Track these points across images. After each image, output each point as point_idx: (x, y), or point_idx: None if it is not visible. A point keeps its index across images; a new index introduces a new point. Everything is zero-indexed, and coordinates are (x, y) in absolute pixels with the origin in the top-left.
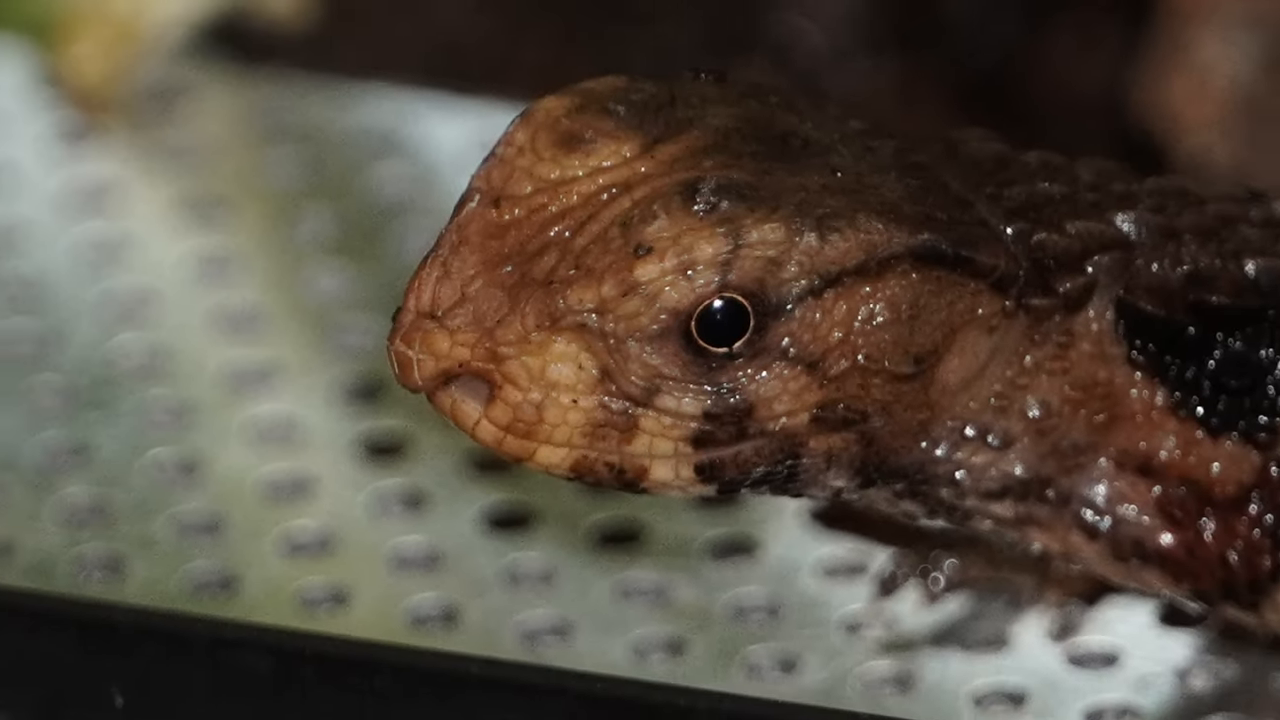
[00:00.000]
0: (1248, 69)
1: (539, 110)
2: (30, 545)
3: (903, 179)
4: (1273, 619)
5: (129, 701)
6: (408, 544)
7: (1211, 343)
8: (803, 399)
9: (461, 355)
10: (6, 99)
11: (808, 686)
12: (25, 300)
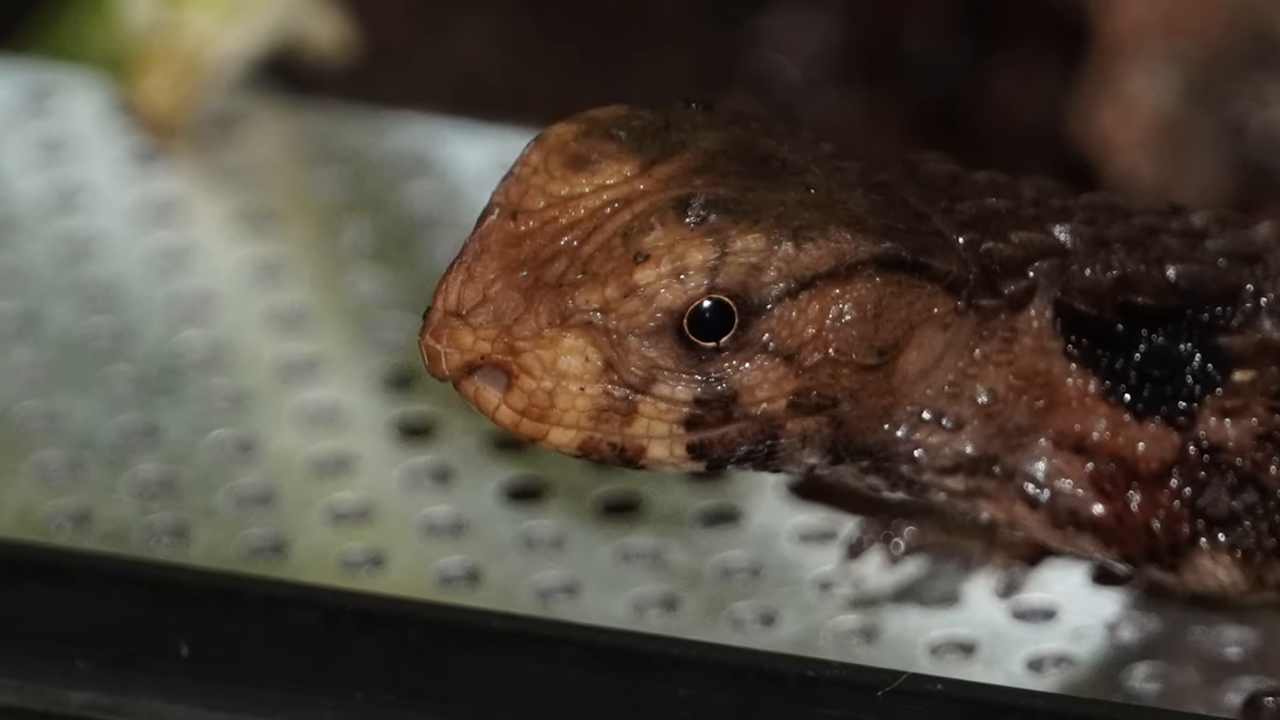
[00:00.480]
0: (1168, 99)
1: (551, 135)
2: (107, 515)
3: (868, 195)
4: (1190, 579)
5: (193, 651)
6: (436, 513)
7: (1137, 338)
8: (781, 387)
9: (483, 349)
10: (86, 125)
11: (785, 638)
12: (103, 301)
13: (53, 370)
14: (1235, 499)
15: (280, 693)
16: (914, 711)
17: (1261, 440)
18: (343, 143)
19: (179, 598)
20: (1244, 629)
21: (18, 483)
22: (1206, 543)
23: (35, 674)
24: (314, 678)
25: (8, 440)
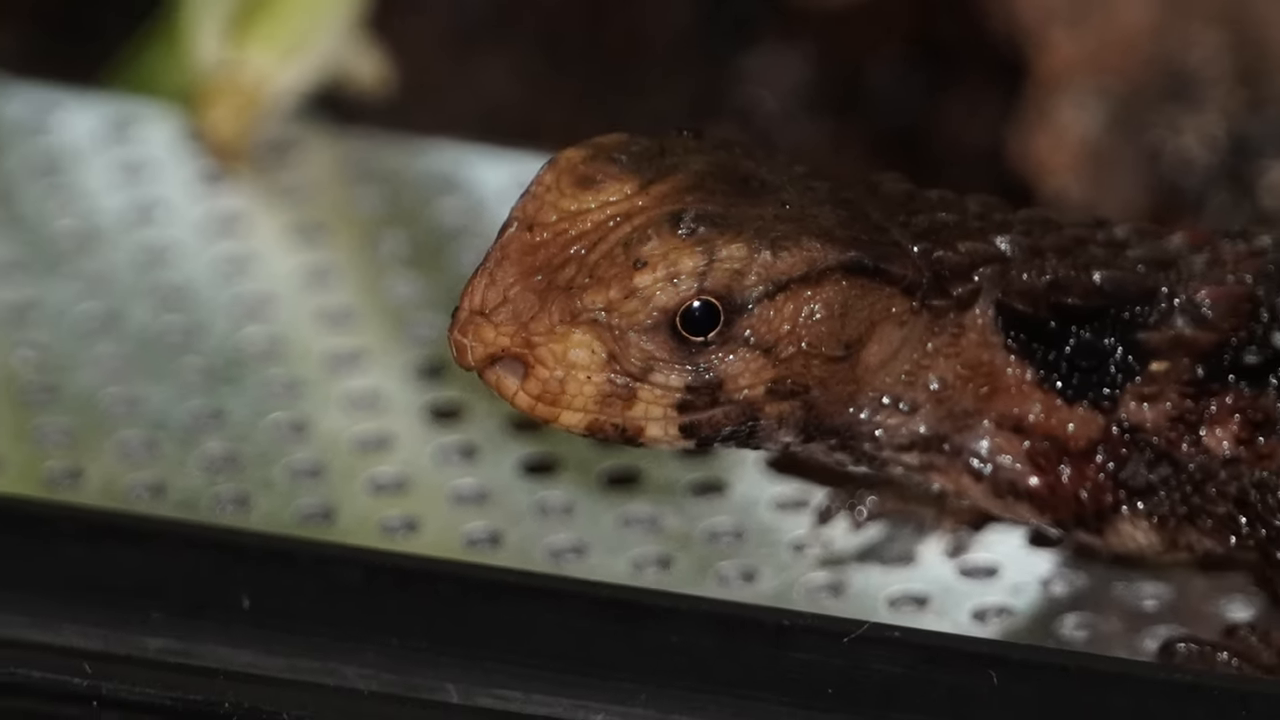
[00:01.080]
0: (1094, 128)
1: (561, 158)
2: (179, 486)
3: (835, 210)
4: (1113, 541)
5: (253, 603)
6: (462, 485)
7: (1067, 334)
8: (760, 376)
9: (503, 343)
10: (161, 151)
11: (763, 592)
12: (175, 301)
13: (132, 361)
14: (1152, 472)
15: (328, 639)
16: (875, 655)
17: (1174, 422)
18: (381, 165)
19: (241, 558)
20: (1159, 584)
21: (102, 458)
22: (1127, 510)
23: (118, 623)
24: (357, 626)
25: (93, 421)
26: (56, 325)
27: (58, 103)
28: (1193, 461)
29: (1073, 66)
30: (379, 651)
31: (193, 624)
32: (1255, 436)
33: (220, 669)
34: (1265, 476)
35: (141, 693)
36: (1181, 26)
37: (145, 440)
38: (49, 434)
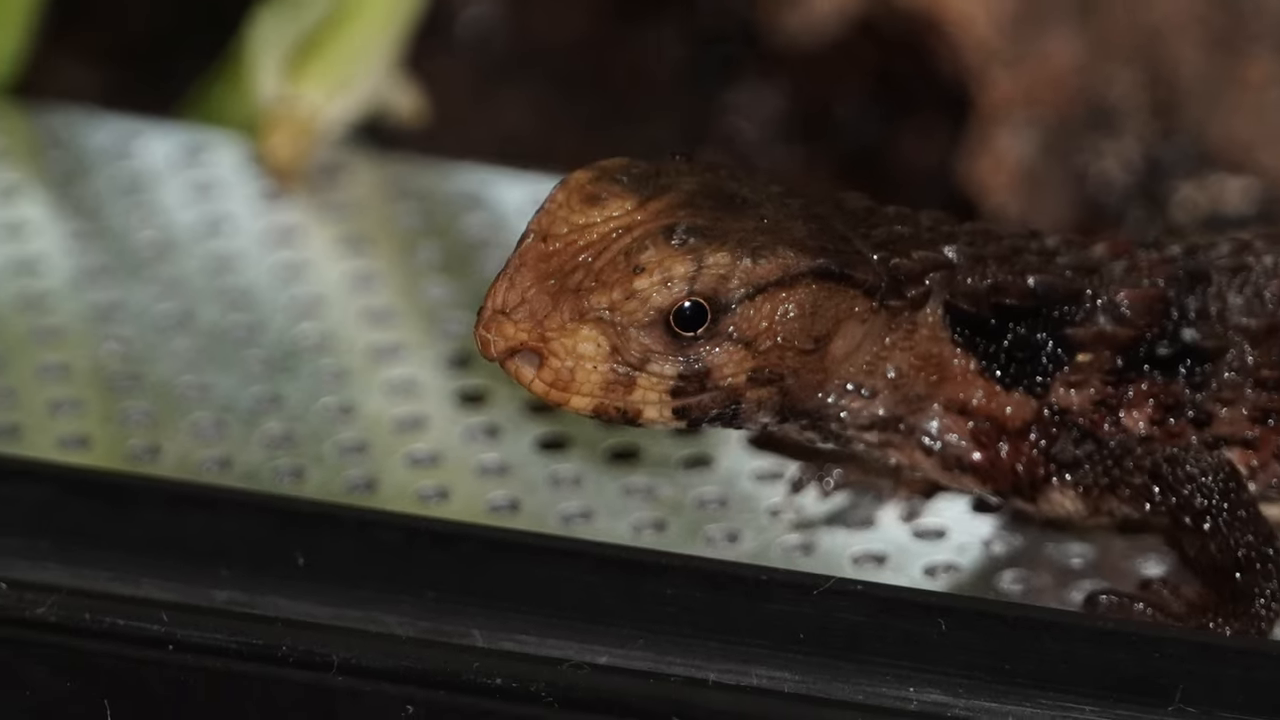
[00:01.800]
0: (1028, 153)
1: (571, 179)
2: (243, 460)
3: (806, 224)
4: (1045, 508)
5: (307, 561)
6: (486, 459)
7: (1006, 330)
8: (742, 366)
9: (521, 337)
10: (228, 172)
11: (745, 551)
12: (239, 302)
13: (203, 353)
14: (1078, 449)
15: (372, 592)
16: (840, 606)
17: (1097, 405)
18: (416, 185)
19: (296, 522)
20: (1084, 545)
21: (178, 437)
22: (1056, 481)
23: (191, 578)
24: (397, 581)
25: (169, 406)
26: (138, 322)
27: (139, 132)
28: (1113, 440)
29: (1010, 101)
30: (414, 602)
31: (254, 579)
32: (1166, 418)
33: (278, 617)
34: (1175, 452)
35: (210, 638)
36: (1103, 66)
37: (214, 421)
38: (132, 416)
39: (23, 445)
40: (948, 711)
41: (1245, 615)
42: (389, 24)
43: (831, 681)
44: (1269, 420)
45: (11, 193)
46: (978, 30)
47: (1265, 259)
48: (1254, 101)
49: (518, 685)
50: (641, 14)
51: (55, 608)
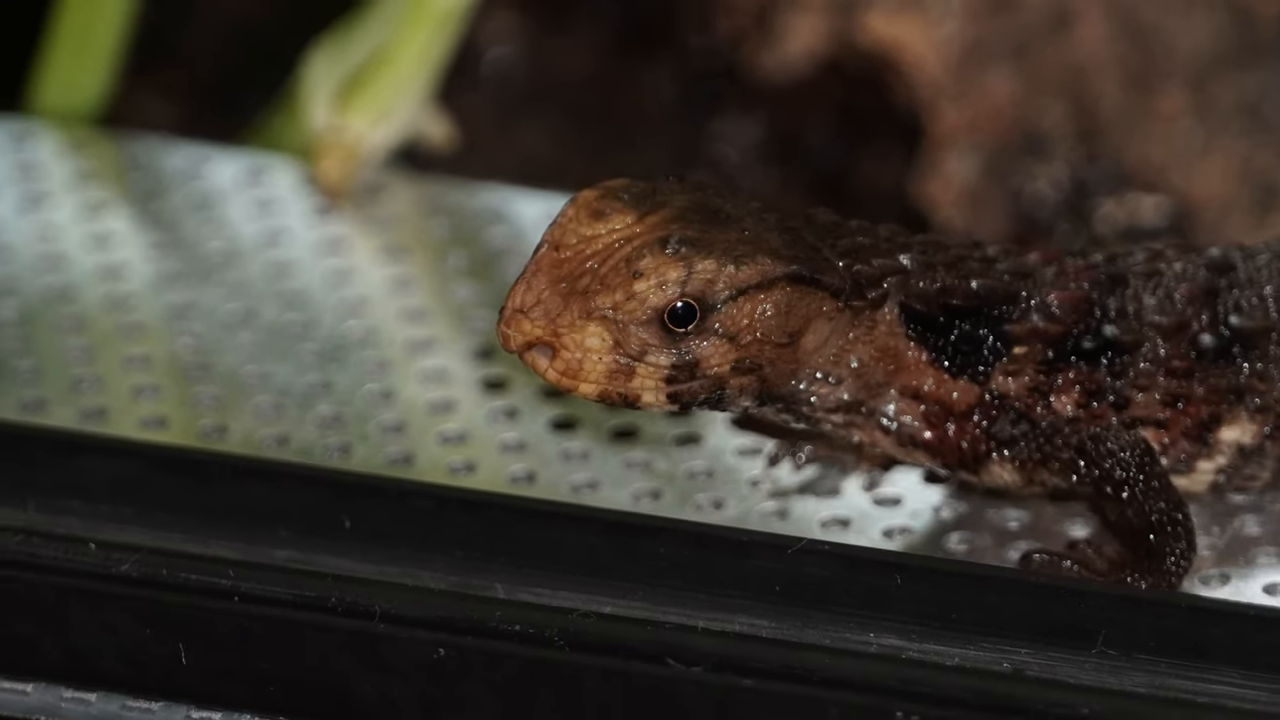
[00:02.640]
0: (972, 175)
1: (580, 197)
2: (298, 438)
3: (782, 235)
4: (986, 479)
5: (353, 524)
6: (507, 437)
7: (952, 326)
8: (726, 357)
9: (537, 333)
10: (284, 191)
11: (729, 516)
12: (295, 303)
13: (263, 346)
14: (1014, 428)
15: (407, 551)
16: (810, 563)
17: (1031, 391)
18: (446, 202)
19: (344, 490)
20: (1020, 510)
21: (242, 418)
22: (996, 456)
23: (253, 539)
24: (429, 542)
25: (234, 391)
26: (208, 320)
27: (208, 157)
28: (1045, 421)
29: (956, 130)
30: (446, 560)
31: (308, 539)
32: (1090, 402)
33: (328, 573)
34: (1098, 431)
35: (269, 591)
36: (1036, 100)
37: (273, 404)
38: (202, 400)
39: (110, 425)
40: (902, 654)
41: (1158, 571)
42: (424, 63)
43: (803, 628)
44: (1178, 404)
45: (100, 209)
46: (928, 69)
47: (1175, 266)
48: (1165, 130)
49: (534, 631)
50: (640, 55)
51: (137, 565)
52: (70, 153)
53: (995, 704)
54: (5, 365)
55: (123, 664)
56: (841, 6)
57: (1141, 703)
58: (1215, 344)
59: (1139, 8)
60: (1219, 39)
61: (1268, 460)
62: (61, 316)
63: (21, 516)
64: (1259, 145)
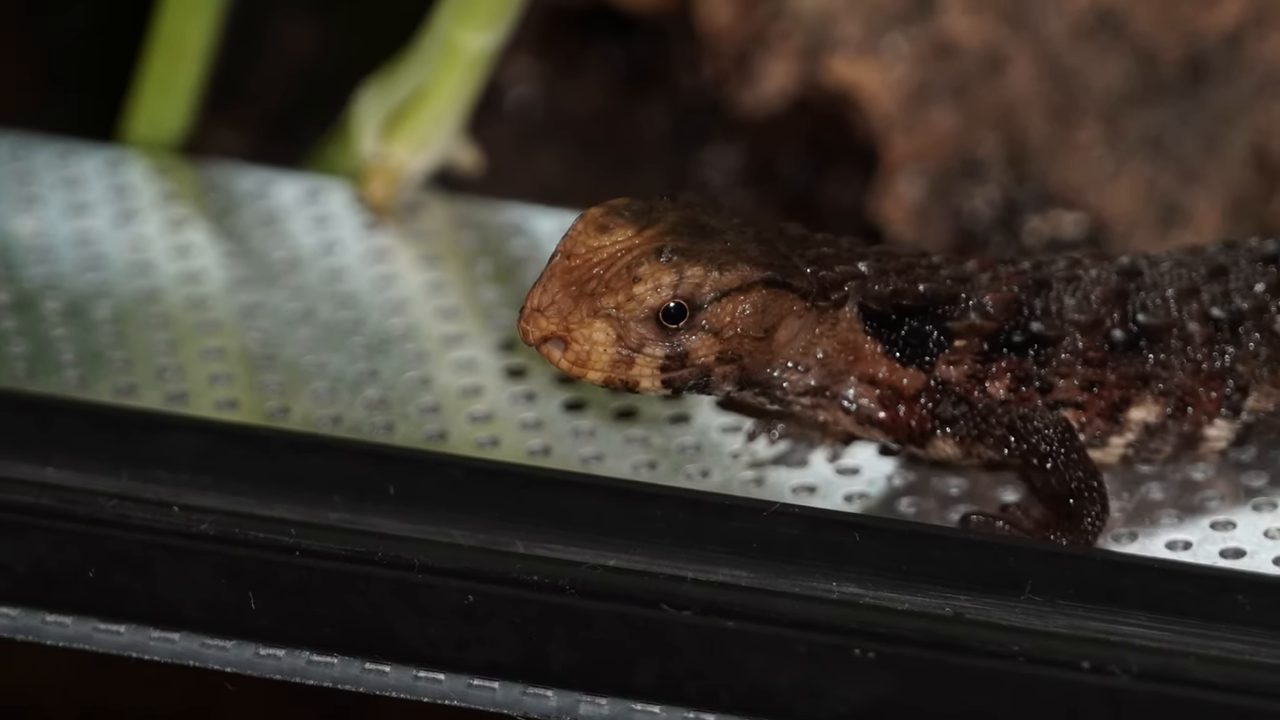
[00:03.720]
0: (919, 195)
1: (588, 213)
2: (349, 417)
3: (758, 246)
4: (932, 453)
5: (396, 491)
6: (527, 417)
7: (903, 323)
8: (711, 349)
9: (551, 329)
10: (338, 209)
11: (713, 484)
12: (347, 303)
13: (320, 340)
14: (955, 409)
15: (442, 513)
16: (782, 524)
17: (969, 378)
18: (475, 218)
19: (388, 462)
20: (960, 478)
21: (301, 401)
22: (940, 433)
23: (311, 503)
24: (461, 505)
25: (295, 377)
26: (273, 317)
27: (273, 180)
28: (981, 403)
29: (906, 157)
30: (474, 520)
31: (358, 503)
32: (1019, 387)
33: (375, 532)
34: (1025, 412)
35: (325, 547)
36: (973, 131)
37: (328, 389)
38: (268, 385)
39: (190, 407)
40: (860, 600)
41: (1077, 530)
42: (456, 101)
43: (776, 578)
44: (1093, 389)
45: (181, 224)
46: (882, 106)
47: (1091, 272)
48: (1082, 157)
49: (549, 580)
50: (639, 94)
51: (213, 524)
52: (156, 177)
53: (938, 642)
54: (102, 356)
55: (201, 609)
56: (809, 53)
57: (1062, 641)
58: (1125, 338)
59: (1061, 53)
60: (1128, 80)
61: (1169, 436)
62: (149, 315)
63: (116, 484)
64: (1161, 170)
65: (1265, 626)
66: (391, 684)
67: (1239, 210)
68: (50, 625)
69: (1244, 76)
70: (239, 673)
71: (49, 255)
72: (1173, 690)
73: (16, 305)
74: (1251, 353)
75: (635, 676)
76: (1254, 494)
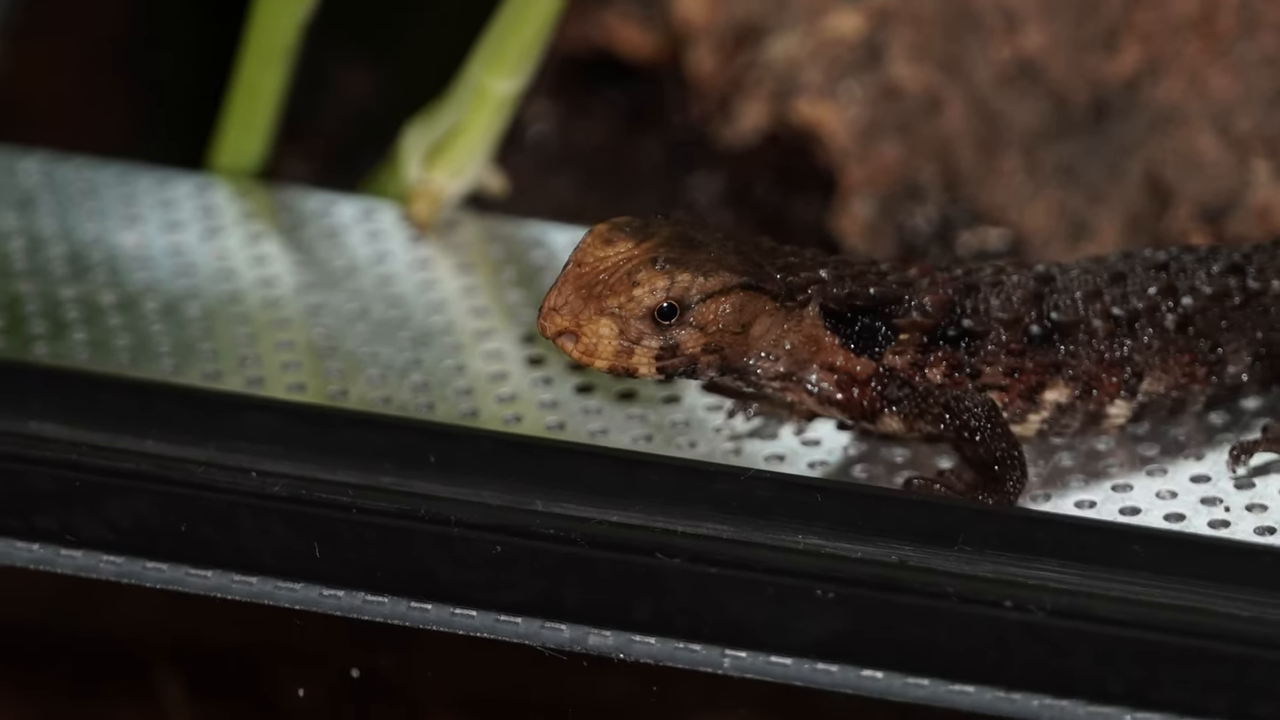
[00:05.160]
0: (870, 214)
1: (595, 229)
2: (397, 399)
3: (737, 256)
4: (881, 427)
5: (436, 459)
6: (544, 398)
7: (856, 320)
8: (698, 342)
9: (565, 324)
10: (388, 226)
11: (699, 453)
12: (395, 303)
13: (374, 334)
14: (899, 391)
15: (475, 478)
16: (757, 486)
17: (911, 365)
18: (502, 233)
19: (429, 435)
20: (904, 449)
21: (358, 385)
22: (887, 411)
23: (364, 469)
24: (489, 471)
25: (353, 365)
26: (335, 315)
27: (335, 201)
28: (921, 386)
29: (859, 183)
30: (500, 483)
31: (404, 470)
32: (953, 373)
33: (418, 493)
34: (958, 394)
35: (377, 505)
36: (915, 161)
37: (380, 375)
38: (330, 372)
39: (265, 389)
40: (821, 549)
41: (1001, 491)
42: (486, 136)
43: (752, 531)
44: (1014, 374)
45: (258, 238)
46: (840, 140)
47: (1013, 277)
48: (1005, 183)
49: (562, 533)
50: (638, 131)
51: (284, 487)
52: (237, 199)
53: (886, 584)
54: (192, 347)
55: (274, 557)
56: (778, 96)
57: (988, 584)
58: (1040, 332)
59: (987, 97)
60: (1043, 119)
61: (1077, 414)
62: (231, 313)
63: (204, 454)
64: (1071, 194)
65: (1156, 571)
66: (432, 619)
67: (1135, 226)
68: (149, 571)
69: (1140, 116)
70: (306, 610)
71: (148, 264)
72: (1079, 625)
73: (121, 305)
74: (1145, 345)
75: (634, 613)
76: (1148, 462)
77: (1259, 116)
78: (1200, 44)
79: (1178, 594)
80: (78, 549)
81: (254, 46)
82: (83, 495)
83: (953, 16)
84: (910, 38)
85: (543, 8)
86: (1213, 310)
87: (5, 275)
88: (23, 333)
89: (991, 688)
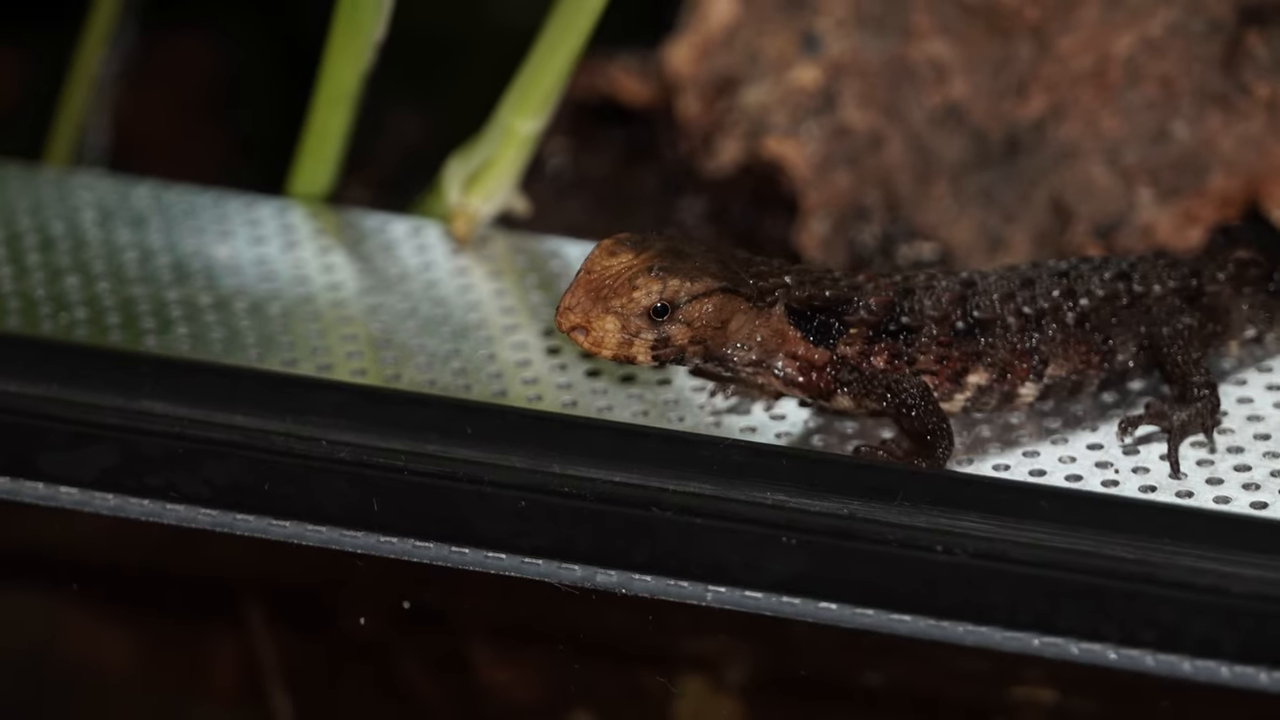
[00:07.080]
0: (826, 231)
1: (602, 243)
2: (441, 381)
3: (718, 265)
4: (835, 406)
5: (473, 431)
6: (560, 380)
7: (815, 318)
8: (685, 336)
9: (577, 321)
10: (434, 240)
11: (687, 426)
12: (438, 303)
13: (421, 328)
14: (850, 375)
15: (504, 445)
16: (734, 452)
17: (860, 354)
18: (525, 247)
19: (466, 411)
20: (854, 423)
21: (409, 370)
22: (840, 391)
23: (414, 437)
24: (516, 441)
25: (404, 355)
26: (390, 314)
27: (390, 220)
28: (868, 371)
29: (817, 205)
30: (524, 450)
31: (446, 440)
32: (893, 361)
33: (458, 459)
34: (897, 377)
35: (425, 467)
36: (862, 188)
37: (427, 362)
38: (386, 360)
39: (333, 374)
40: (786, 504)
41: (932, 457)
42: (514, 167)
43: (730, 489)
44: (943, 362)
45: (327, 250)
46: (800, 171)
47: (942, 282)
48: (936, 205)
49: (576, 491)
50: (638, 163)
51: (349, 453)
52: (310, 219)
53: (839, 532)
54: (274, 340)
55: (341, 510)
56: (751, 135)
57: (923, 532)
58: (965, 328)
59: (922, 135)
60: (966, 152)
61: (995, 394)
62: (305, 312)
63: (283, 426)
64: (989, 214)
65: (1059, 523)
66: (470, 561)
67: (1041, 241)
68: (239, 522)
69: (1045, 151)
70: (366, 553)
71: (237, 272)
72: (997, 565)
73: (216, 305)
74: (1050, 337)
75: (633, 556)
76: (1052, 433)
77: (1143, 151)
78: (1094, 92)
79: (1076, 540)
80: (180, 504)
81: (324, 93)
82: (184, 460)
83: (893, 70)
84: (859, 87)
85: (559, 63)
86: (1105, 309)
87: (121, 281)
88: (136, 328)
89: (924, 616)
